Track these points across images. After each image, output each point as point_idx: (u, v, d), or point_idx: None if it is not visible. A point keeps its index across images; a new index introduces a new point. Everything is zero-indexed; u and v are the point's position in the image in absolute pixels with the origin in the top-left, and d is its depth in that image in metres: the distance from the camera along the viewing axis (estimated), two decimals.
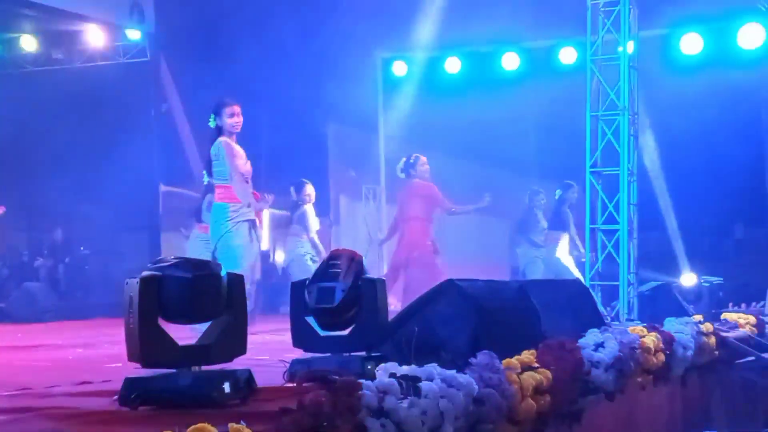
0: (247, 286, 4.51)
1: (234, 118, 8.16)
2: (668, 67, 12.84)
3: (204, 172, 8.47)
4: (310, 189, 11.39)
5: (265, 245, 12.35)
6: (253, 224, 8.13)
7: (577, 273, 11.13)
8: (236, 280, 4.15)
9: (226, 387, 3.87)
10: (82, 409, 3.96)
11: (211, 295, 4.00)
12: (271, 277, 13.85)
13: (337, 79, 13.81)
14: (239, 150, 8.18)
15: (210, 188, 9.12)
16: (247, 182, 8.17)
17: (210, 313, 4.07)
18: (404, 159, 11.23)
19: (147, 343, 3.85)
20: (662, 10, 11.76)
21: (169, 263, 3.98)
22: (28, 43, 14.67)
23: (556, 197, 12.27)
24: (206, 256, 9.64)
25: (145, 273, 3.90)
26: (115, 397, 3.96)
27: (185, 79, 14.37)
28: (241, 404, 3.90)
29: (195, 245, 10.82)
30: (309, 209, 11.30)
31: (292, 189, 11.48)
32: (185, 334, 4.21)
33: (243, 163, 8.16)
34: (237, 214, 8.03)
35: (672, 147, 12.64)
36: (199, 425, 2.96)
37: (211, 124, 8.22)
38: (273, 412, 3.38)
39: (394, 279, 10.70)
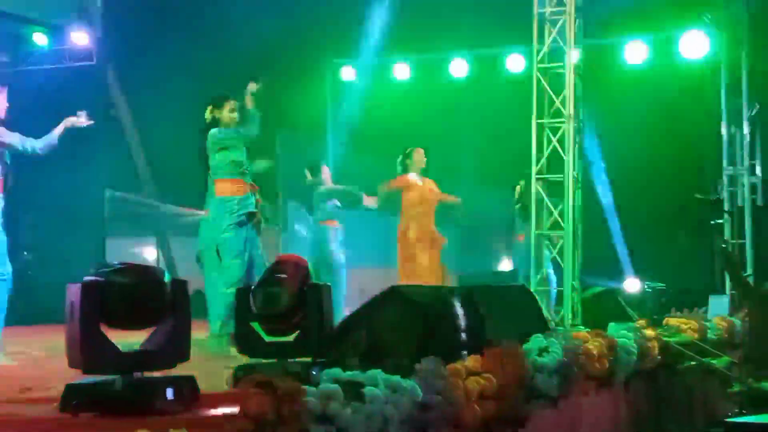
0: None
1: (235, 113, 8.13)
2: (613, 76, 13.00)
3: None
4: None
5: None
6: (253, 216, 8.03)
7: None
8: (180, 286, 4.13)
9: (169, 393, 3.85)
10: (22, 416, 3.92)
11: (154, 300, 3.98)
12: None
13: (286, 84, 13.79)
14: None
15: None
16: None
17: (152, 318, 4.05)
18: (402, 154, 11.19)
19: (88, 349, 3.82)
20: (608, 19, 11.91)
21: (111, 269, 3.95)
22: None
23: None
24: None
25: (87, 278, 3.86)
26: (56, 404, 3.92)
27: (133, 84, 14.26)
28: (184, 411, 3.88)
29: None
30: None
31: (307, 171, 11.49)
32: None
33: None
34: (239, 207, 7.92)
35: (617, 155, 12.79)
36: (140, 431, 2.94)
37: (208, 116, 8.18)
38: (216, 418, 3.37)
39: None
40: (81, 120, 7.99)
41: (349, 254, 12.18)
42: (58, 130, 7.91)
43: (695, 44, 12.79)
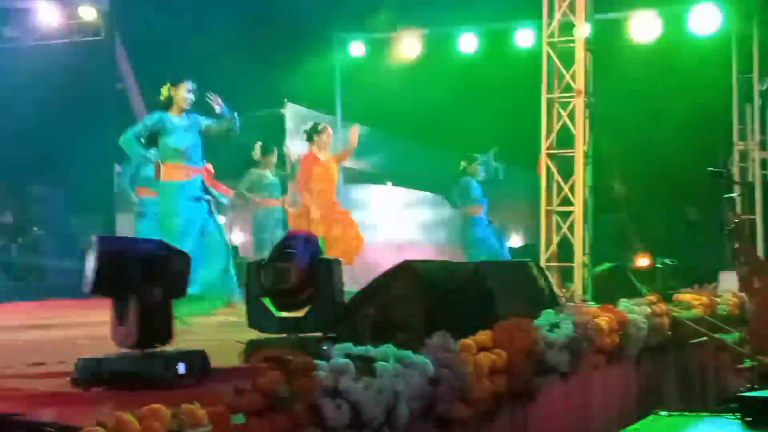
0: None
1: (189, 94, 8.14)
2: (622, 51, 12.92)
3: None
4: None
5: None
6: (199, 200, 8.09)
7: None
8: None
9: (180, 368, 3.85)
10: (35, 390, 3.93)
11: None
12: None
13: (294, 59, 13.76)
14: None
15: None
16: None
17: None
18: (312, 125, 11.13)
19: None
20: None
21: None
22: None
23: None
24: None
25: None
26: (69, 377, 3.93)
27: (140, 59, 14.23)
28: (196, 385, 3.89)
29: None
30: None
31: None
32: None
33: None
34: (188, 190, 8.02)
35: (626, 130, 12.74)
36: (152, 406, 2.95)
37: (164, 93, 8.17)
38: (227, 392, 3.37)
39: None
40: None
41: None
42: None
43: (705, 18, 12.67)
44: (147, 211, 10.15)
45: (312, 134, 10.80)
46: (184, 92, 8.13)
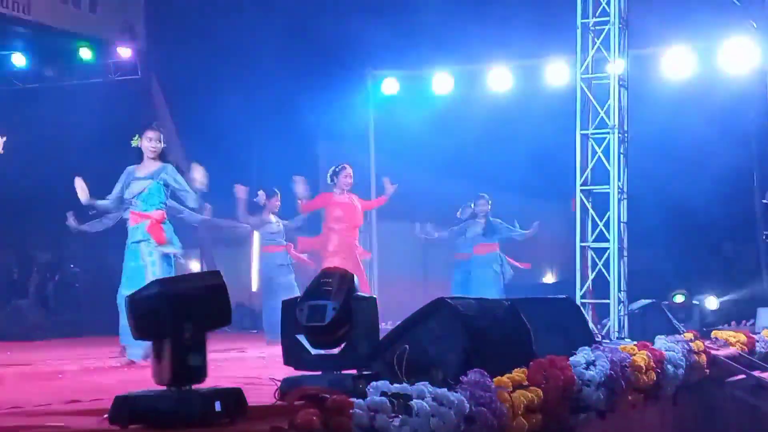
0: None
1: (152, 143, 8.43)
2: (658, 86, 12.89)
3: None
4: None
5: None
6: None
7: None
8: None
9: (217, 406, 3.85)
10: (72, 428, 3.95)
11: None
12: None
13: (328, 97, 13.85)
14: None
15: None
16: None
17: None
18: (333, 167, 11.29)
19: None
20: (652, 28, 11.82)
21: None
22: (19, 60, 14.66)
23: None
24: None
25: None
26: (106, 415, 3.94)
27: (176, 97, 14.39)
28: (232, 423, 3.89)
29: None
30: None
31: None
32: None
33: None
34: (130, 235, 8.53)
35: (661, 166, 12.68)
36: None
37: (134, 143, 8.53)
38: (264, 431, 3.38)
39: None
40: None
41: (383, 267, 12.32)
42: None
43: (740, 52, 12.63)
44: None
45: (332, 176, 10.99)
46: (146, 141, 8.55)
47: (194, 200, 8.55)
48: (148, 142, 8.51)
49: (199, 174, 8.50)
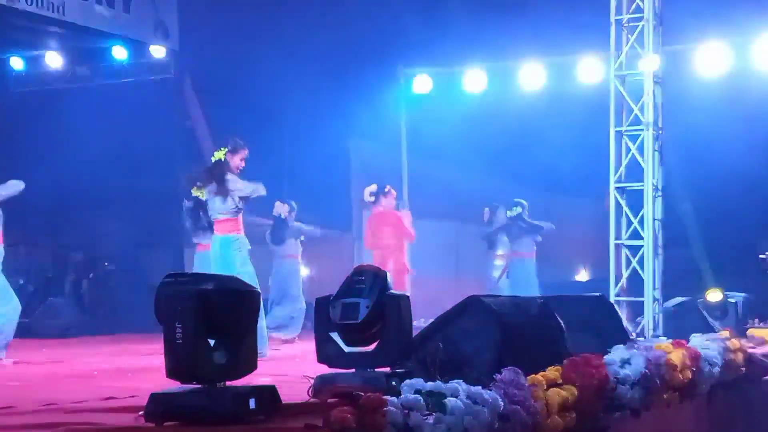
0: None
1: (242, 162, 8.77)
2: (693, 82, 12.76)
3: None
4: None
5: None
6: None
7: None
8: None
9: (251, 403, 3.87)
10: (108, 425, 3.98)
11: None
12: None
13: (360, 94, 13.84)
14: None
15: None
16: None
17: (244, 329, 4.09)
18: (375, 185, 11.36)
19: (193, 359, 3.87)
20: (687, 24, 11.71)
21: (201, 277, 4.01)
22: (54, 60, 14.78)
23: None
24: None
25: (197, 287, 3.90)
26: (141, 412, 3.97)
27: (209, 96, 14.45)
28: (266, 420, 3.90)
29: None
30: None
31: None
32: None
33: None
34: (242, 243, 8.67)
35: (696, 163, 12.58)
36: None
37: (221, 156, 8.61)
38: (298, 428, 3.38)
39: None
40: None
41: (417, 265, 12.34)
42: None
43: None
44: None
45: (379, 196, 11.04)
46: (239, 160, 8.82)
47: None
48: (241, 161, 8.84)
49: None
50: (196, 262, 10.75)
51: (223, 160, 8.78)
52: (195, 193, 9.97)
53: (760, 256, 10.30)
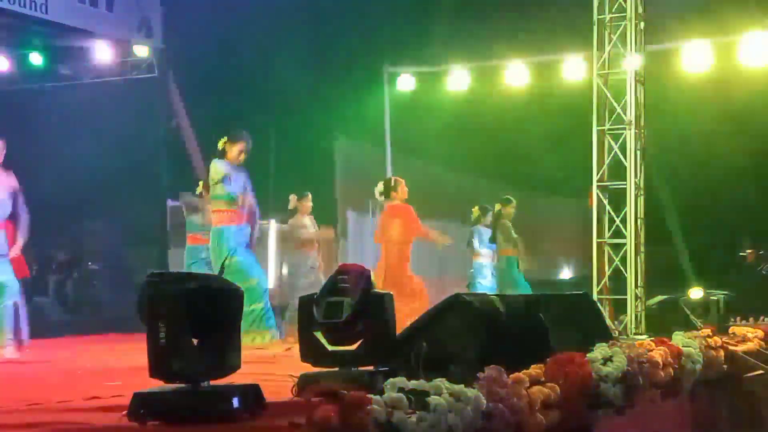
0: None
1: (242, 155, 8.49)
2: (676, 81, 12.83)
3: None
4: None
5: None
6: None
7: None
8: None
9: (235, 402, 3.88)
10: (92, 425, 3.97)
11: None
12: None
13: (344, 93, 13.86)
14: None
15: None
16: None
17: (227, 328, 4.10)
18: (383, 182, 11.30)
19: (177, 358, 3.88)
20: (669, 24, 11.77)
21: (184, 276, 4.02)
22: (37, 59, 14.73)
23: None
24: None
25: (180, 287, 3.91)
26: (125, 412, 3.97)
27: (193, 95, 14.44)
28: (250, 419, 3.91)
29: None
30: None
31: None
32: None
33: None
34: (239, 235, 8.44)
35: (678, 161, 12.65)
36: None
37: (220, 146, 8.50)
38: (282, 426, 3.39)
39: None
40: None
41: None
42: None
43: (758, 47, 12.54)
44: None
45: (389, 190, 10.98)
46: (237, 152, 8.72)
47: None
48: (240, 154, 8.75)
49: None
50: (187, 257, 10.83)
51: (221, 148, 8.68)
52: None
53: (740, 253, 10.37)
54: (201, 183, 11.18)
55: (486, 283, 12.37)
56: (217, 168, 8.70)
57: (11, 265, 8.09)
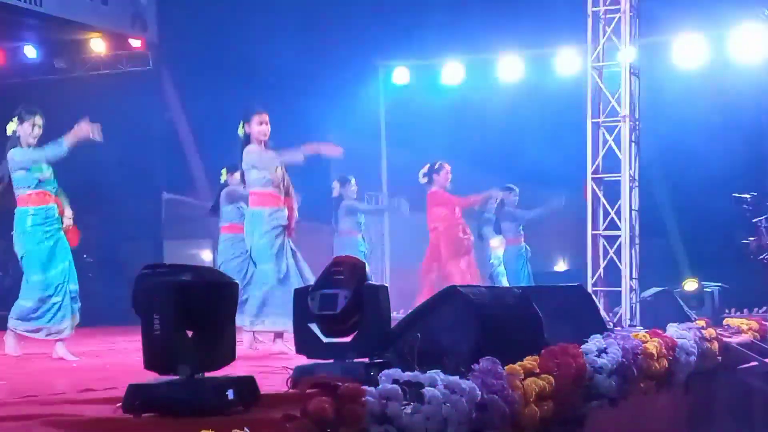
0: None
1: (263, 126, 8.22)
2: (670, 74, 12.83)
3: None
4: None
5: None
6: (284, 230, 8.18)
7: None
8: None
9: (230, 394, 3.88)
10: (86, 417, 3.97)
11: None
12: None
13: (339, 86, 13.84)
14: (270, 155, 8.24)
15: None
16: (278, 188, 8.25)
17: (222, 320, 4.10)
18: (428, 165, 11.36)
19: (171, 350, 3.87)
20: (664, 16, 11.77)
21: (178, 268, 4.01)
22: (31, 52, 14.69)
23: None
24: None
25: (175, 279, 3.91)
26: (119, 404, 3.97)
27: (187, 88, 14.41)
28: (245, 411, 3.91)
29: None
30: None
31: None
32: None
33: (274, 169, 8.27)
34: (272, 218, 8.09)
35: (673, 153, 12.65)
36: None
37: (240, 131, 8.31)
38: (277, 419, 3.40)
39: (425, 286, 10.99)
40: (95, 134, 8.22)
41: (395, 257, 12.37)
42: (69, 140, 8.12)
43: (752, 40, 12.55)
44: None
45: (432, 174, 11.03)
46: (256, 125, 8.27)
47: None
48: (266, 125, 8.33)
49: None
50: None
51: (242, 135, 8.28)
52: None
53: (743, 241, 10.35)
54: (224, 171, 11.20)
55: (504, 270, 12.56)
56: (246, 158, 8.35)
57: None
